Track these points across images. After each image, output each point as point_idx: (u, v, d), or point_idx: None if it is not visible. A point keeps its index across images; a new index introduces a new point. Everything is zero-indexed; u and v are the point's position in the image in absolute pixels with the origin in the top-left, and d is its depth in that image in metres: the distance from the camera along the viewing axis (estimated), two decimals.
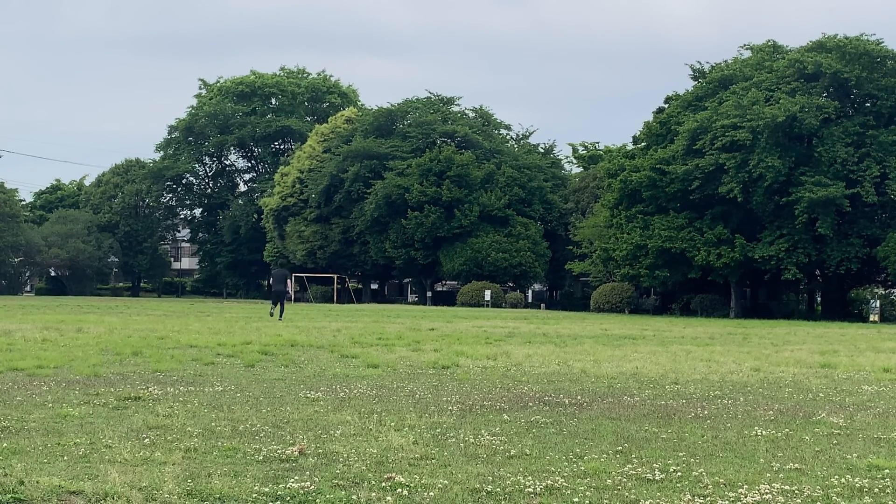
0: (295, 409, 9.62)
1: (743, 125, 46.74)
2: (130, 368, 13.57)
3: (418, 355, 16.86)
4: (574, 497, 5.99)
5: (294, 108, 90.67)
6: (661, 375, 13.93)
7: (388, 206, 66.73)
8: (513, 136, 78.91)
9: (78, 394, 10.55)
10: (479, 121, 75.34)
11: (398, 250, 67.41)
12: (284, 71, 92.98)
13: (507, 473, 6.61)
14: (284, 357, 15.78)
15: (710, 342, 22.85)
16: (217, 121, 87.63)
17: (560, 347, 19.77)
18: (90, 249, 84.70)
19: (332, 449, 7.40)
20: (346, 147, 70.92)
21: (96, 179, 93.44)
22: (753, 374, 14.57)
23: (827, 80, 48.51)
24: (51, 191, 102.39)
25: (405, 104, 74.86)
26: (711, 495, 6.13)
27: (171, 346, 18.06)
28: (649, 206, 51.40)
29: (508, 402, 10.60)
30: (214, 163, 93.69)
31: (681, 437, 8.35)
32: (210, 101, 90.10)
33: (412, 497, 5.91)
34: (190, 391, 11.02)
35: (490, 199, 66.31)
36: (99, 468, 6.53)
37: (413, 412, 9.54)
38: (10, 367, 13.20)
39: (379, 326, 27.61)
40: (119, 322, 27.50)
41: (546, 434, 8.44)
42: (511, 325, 30.46)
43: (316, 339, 20.74)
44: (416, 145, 69.77)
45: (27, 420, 8.61)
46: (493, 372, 14.04)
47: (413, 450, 7.37)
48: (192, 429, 8.27)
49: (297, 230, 73.42)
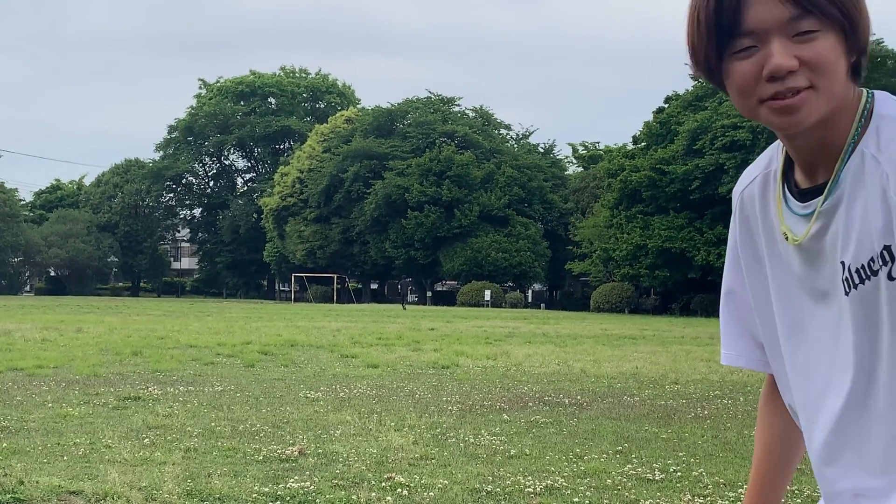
0: (295, 409, 9.62)
1: (743, 125, 46.74)
2: (130, 368, 13.57)
3: (418, 355, 16.86)
4: (574, 497, 5.99)
5: (294, 107, 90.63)
6: (661, 375, 13.93)
7: (388, 206, 66.71)
8: (513, 136, 78.92)
9: (78, 394, 10.55)
10: (479, 121, 75.32)
11: (398, 250, 67.40)
12: (284, 71, 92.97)
13: (507, 473, 6.61)
14: (284, 357, 15.78)
15: (710, 342, 22.84)
16: (217, 121, 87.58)
17: (560, 347, 19.77)
18: (90, 249, 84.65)
19: (332, 449, 7.40)
20: (345, 147, 70.90)
21: (96, 179, 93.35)
22: (753, 374, 14.55)
23: None
24: (50, 191, 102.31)
25: (405, 104, 74.84)
26: (711, 495, 6.12)
27: (171, 346, 18.06)
28: (649, 206, 51.41)
29: (508, 402, 10.60)
30: (214, 163, 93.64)
31: (681, 437, 8.34)
32: (210, 101, 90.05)
33: (412, 497, 5.90)
34: (190, 391, 11.01)
35: (490, 199, 66.29)
36: (99, 468, 6.52)
37: (413, 412, 9.53)
38: (10, 366, 13.20)
39: (379, 326, 27.61)
40: (119, 322, 27.50)
41: (546, 434, 8.43)
42: (511, 325, 30.46)
43: (316, 339, 20.74)
44: (416, 145, 69.75)
45: (27, 420, 8.60)
46: (493, 372, 14.04)
47: (413, 450, 7.37)
48: (192, 429, 8.26)
49: (297, 230, 73.40)
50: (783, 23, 1.34)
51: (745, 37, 1.36)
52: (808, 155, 1.46)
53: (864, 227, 1.39)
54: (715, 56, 1.41)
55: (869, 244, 1.39)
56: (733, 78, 1.40)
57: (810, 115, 1.37)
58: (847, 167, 1.41)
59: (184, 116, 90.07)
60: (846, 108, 1.42)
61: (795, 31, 1.35)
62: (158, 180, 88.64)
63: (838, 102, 1.39)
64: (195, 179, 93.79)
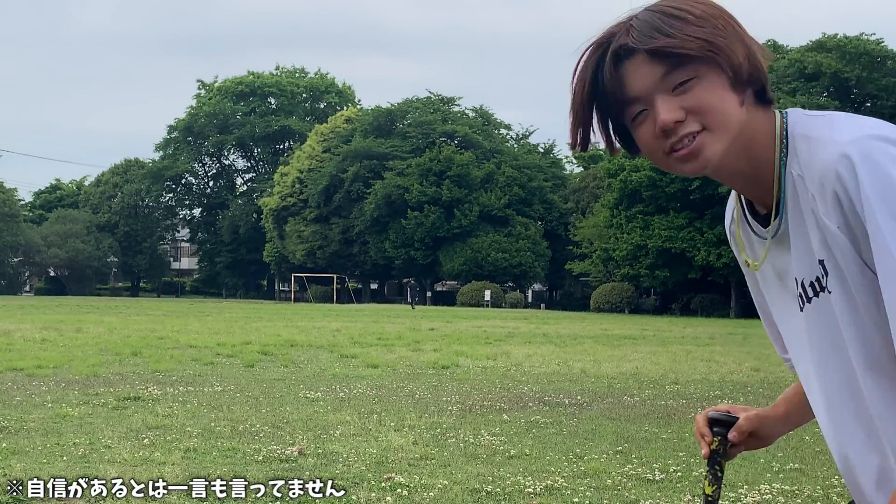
0: (294, 410, 9.61)
1: None
2: (130, 368, 13.56)
3: (418, 355, 16.85)
4: (574, 497, 5.98)
5: (293, 107, 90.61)
6: (661, 375, 13.92)
7: (388, 206, 66.70)
8: (513, 136, 78.90)
9: (77, 394, 10.54)
10: (479, 121, 75.31)
11: (398, 250, 67.39)
12: (283, 70, 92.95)
13: (507, 473, 6.60)
14: (284, 357, 15.77)
15: (710, 342, 22.84)
16: (216, 121, 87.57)
17: (560, 347, 19.76)
18: (89, 249, 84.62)
19: (331, 449, 7.39)
20: (345, 147, 70.88)
21: (96, 179, 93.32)
22: (753, 374, 14.55)
23: (827, 80, 48.51)
24: (50, 190, 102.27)
25: (405, 104, 74.81)
26: None
27: (171, 346, 18.05)
28: (649, 206, 51.42)
29: (508, 402, 10.59)
30: (214, 163, 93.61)
31: (681, 437, 8.33)
32: (209, 102, 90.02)
33: (412, 497, 5.90)
34: (189, 391, 11.00)
35: (490, 199, 66.29)
36: (98, 468, 6.51)
37: (413, 412, 9.53)
38: (10, 366, 13.19)
39: (379, 326, 27.60)
40: (118, 322, 27.49)
41: (546, 434, 8.43)
42: (511, 325, 30.45)
43: (316, 339, 20.73)
44: (416, 145, 69.74)
45: (27, 420, 8.59)
46: (493, 372, 14.03)
47: (413, 450, 7.36)
48: (192, 429, 8.26)
49: (297, 230, 73.39)
50: (659, 81, 1.42)
51: (635, 104, 1.45)
52: (745, 187, 1.54)
53: (807, 244, 1.45)
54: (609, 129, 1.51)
55: (814, 259, 1.44)
56: (640, 142, 1.49)
57: (713, 155, 1.44)
58: (786, 190, 1.47)
59: (183, 116, 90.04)
60: (758, 137, 1.48)
61: (673, 85, 1.42)
62: (158, 180, 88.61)
63: (743, 134, 1.45)
64: (195, 179, 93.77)
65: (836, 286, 1.42)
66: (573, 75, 1.50)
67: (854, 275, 1.39)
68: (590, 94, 1.48)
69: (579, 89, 1.48)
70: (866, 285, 1.39)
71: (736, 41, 1.44)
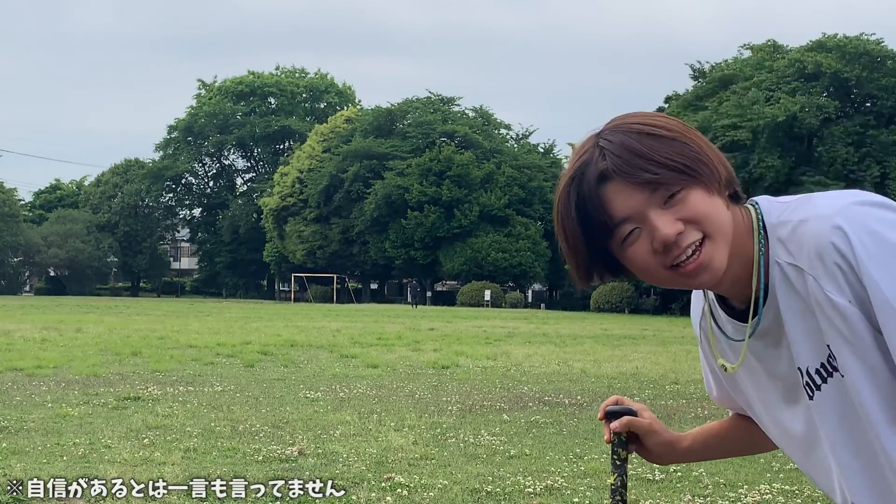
0: (294, 410, 9.61)
1: (743, 125, 46.71)
2: (130, 368, 13.55)
3: (418, 355, 16.84)
4: (574, 497, 5.98)
5: (293, 107, 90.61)
6: (661, 375, 13.92)
7: (388, 206, 66.70)
8: (513, 136, 78.89)
9: (77, 394, 10.54)
10: (479, 121, 75.31)
11: (398, 250, 67.39)
12: (283, 70, 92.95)
13: (507, 473, 6.60)
14: (284, 357, 15.77)
15: None
16: (216, 121, 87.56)
17: (560, 347, 19.76)
18: (89, 249, 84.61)
19: (331, 449, 7.39)
20: (345, 147, 70.88)
21: (96, 179, 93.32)
22: None
23: (827, 80, 48.48)
24: (50, 190, 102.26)
25: (405, 104, 74.80)
26: (711, 495, 6.12)
27: (171, 346, 18.04)
28: None
29: (508, 402, 10.59)
30: (214, 163, 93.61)
31: None
32: (209, 102, 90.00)
33: (412, 497, 5.90)
34: (189, 391, 11.00)
35: (490, 199, 66.28)
36: (98, 468, 6.52)
37: (413, 412, 9.53)
38: (10, 366, 13.19)
39: (379, 326, 27.60)
40: (118, 322, 27.49)
41: (546, 434, 8.43)
42: (511, 325, 30.44)
43: (316, 339, 20.73)
44: (416, 145, 69.73)
45: (26, 420, 8.59)
46: (493, 372, 14.03)
47: (413, 450, 7.36)
48: (192, 429, 8.25)
49: (297, 230, 73.39)
50: (649, 197, 1.40)
51: (625, 224, 1.42)
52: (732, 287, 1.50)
53: (809, 330, 1.42)
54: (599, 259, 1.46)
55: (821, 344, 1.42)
56: (633, 262, 1.45)
57: (721, 262, 1.43)
58: (772, 281, 1.45)
59: (183, 116, 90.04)
60: (742, 236, 1.47)
61: (664, 199, 1.40)
62: (158, 180, 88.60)
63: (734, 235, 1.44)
64: (195, 179, 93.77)
65: (848, 363, 1.39)
66: (556, 218, 1.47)
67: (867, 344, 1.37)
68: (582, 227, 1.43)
69: (570, 228, 1.45)
70: (878, 348, 1.37)
71: (707, 150, 1.45)
